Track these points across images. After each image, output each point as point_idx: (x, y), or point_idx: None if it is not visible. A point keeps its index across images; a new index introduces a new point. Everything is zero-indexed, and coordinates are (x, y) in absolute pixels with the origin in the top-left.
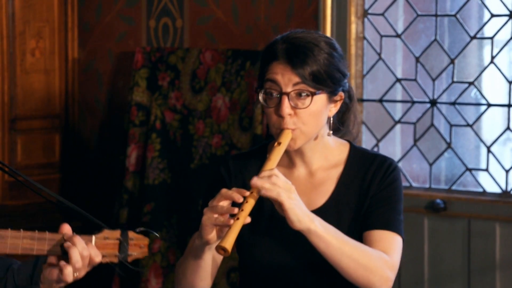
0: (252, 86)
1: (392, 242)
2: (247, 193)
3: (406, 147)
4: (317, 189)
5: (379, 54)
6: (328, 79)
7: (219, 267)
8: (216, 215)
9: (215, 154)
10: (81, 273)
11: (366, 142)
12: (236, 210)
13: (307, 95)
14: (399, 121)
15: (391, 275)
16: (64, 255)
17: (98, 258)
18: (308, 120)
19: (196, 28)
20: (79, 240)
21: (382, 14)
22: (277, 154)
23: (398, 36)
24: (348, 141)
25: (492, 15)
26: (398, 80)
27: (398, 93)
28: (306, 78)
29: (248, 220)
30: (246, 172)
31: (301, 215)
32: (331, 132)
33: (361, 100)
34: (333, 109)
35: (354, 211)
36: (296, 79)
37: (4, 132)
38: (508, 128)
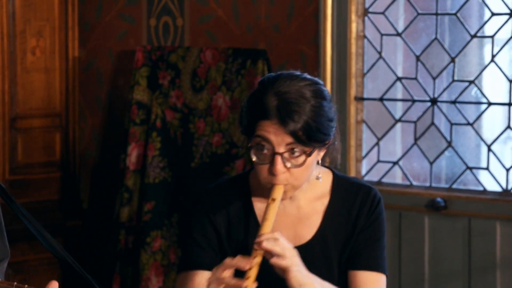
0: (252, 85)
1: (378, 284)
2: (253, 261)
3: (406, 145)
4: (303, 222)
5: (380, 53)
6: (319, 133)
7: None
8: (223, 286)
9: (215, 153)
10: None
11: (367, 141)
12: (244, 284)
13: (300, 154)
14: (399, 120)
15: None
16: None
17: None
18: (300, 175)
19: (196, 27)
20: None
21: (383, 13)
22: (273, 211)
23: (398, 34)
24: (330, 168)
25: (493, 14)
26: (399, 78)
27: (398, 91)
28: (299, 138)
29: (254, 286)
30: (229, 206)
31: (303, 280)
32: (320, 175)
33: (362, 99)
34: (322, 153)
35: (341, 245)
36: (289, 139)
37: (4, 131)
38: (508, 126)
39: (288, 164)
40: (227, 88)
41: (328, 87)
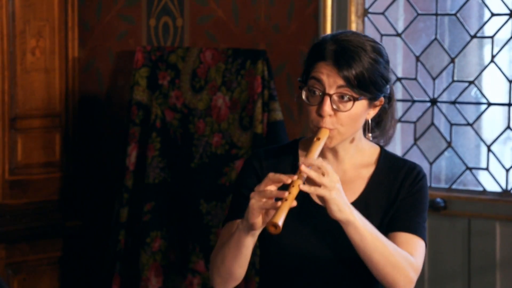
0: (252, 85)
1: (417, 246)
2: (295, 177)
3: (406, 146)
4: (347, 186)
5: None
6: (371, 85)
7: None
8: (264, 199)
9: (215, 153)
10: None
11: None
12: (286, 193)
13: (349, 99)
14: (399, 120)
15: (415, 277)
16: None
17: None
18: (346, 122)
19: (196, 27)
20: None
21: (382, 13)
22: (317, 147)
23: (398, 35)
24: (379, 145)
25: (493, 14)
26: (399, 79)
27: (398, 92)
28: (351, 83)
29: (295, 203)
30: (278, 168)
31: (343, 205)
32: (370, 135)
33: None
34: (372, 112)
35: (382, 211)
36: (340, 82)
37: (4, 131)
38: (508, 127)
39: (335, 107)
40: (227, 88)
41: None
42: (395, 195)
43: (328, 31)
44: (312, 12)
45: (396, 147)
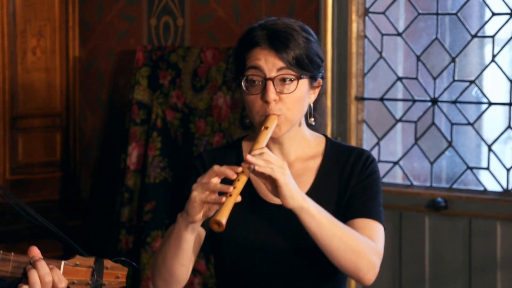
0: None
1: (376, 230)
2: (239, 170)
3: (407, 145)
4: (296, 180)
5: (380, 53)
6: (309, 64)
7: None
8: (207, 192)
9: None
10: None
11: (367, 140)
12: (230, 188)
13: (292, 80)
14: (400, 120)
15: (378, 261)
16: (26, 279)
17: (62, 284)
18: (292, 106)
19: (197, 26)
20: (42, 264)
21: (383, 13)
22: (264, 136)
23: (399, 34)
24: (324, 135)
25: (493, 14)
26: (399, 78)
27: (399, 91)
28: (290, 63)
29: (239, 199)
30: (222, 164)
31: (295, 191)
32: (312, 119)
33: (362, 99)
34: (313, 96)
35: (335, 202)
36: (280, 63)
37: (5, 130)
38: (509, 126)
39: (279, 90)
40: (228, 88)
41: (328, 87)
42: (346, 184)
43: (329, 30)
44: (313, 11)
45: (397, 147)
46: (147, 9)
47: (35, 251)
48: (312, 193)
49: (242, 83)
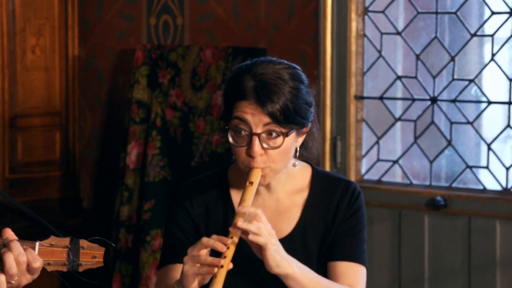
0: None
1: (358, 275)
2: (229, 241)
3: (406, 144)
4: (283, 216)
5: (380, 52)
6: (297, 116)
7: None
8: (198, 265)
9: (215, 152)
10: (22, 281)
11: (367, 139)
12: (221, 261)
13: (278, 135)
14: (399, 119)
15: None
16: (1, 262)
17: (37, 264)
18: (278, 158)
19: (196, 25)
20: (16, 245)
21: (383, 12)
22: (250, 193)
23: (398, 33)
24: (309, 163)
25: (493, 13)
26: (399, 77)
27: (398, 90)
28: (277, 118)
29: (231, 266)
30: (208, 199)
31: (280, 260)
32: (297, 162)
33: (362, 98)
34: (300, 140)
35: (321, 237)
36: (266, 119)
37: (4, 129)
38: (508, 125)
39: (266, 146)
40: None
41: (328, 86)
42: (332, 220)
43: (328, 29)
44: (312, 10)
45: (396, 146)
46: (146, 8)
47: (8, 233)
48: (299, 230)
49: (229, 135)
